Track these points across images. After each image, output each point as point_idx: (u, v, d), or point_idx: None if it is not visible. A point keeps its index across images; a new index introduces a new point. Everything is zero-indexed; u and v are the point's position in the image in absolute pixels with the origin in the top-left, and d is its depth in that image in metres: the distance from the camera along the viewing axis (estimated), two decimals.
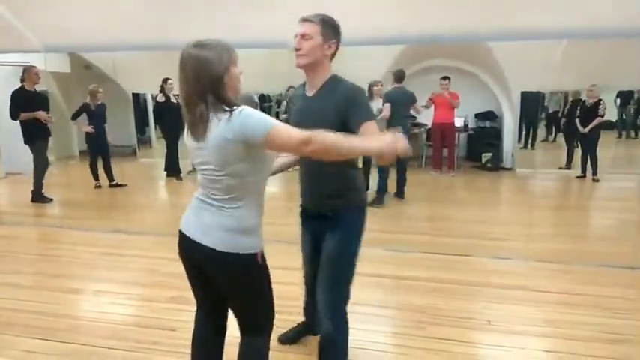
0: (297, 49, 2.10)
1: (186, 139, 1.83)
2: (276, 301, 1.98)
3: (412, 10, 6.04)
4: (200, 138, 1.73)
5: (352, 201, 2.26)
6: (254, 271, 1.86)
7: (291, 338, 2.83)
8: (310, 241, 2.46)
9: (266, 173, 1.87)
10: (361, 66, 8.79)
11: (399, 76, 6.91)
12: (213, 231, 1.80)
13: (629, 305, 3.33)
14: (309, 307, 2.70)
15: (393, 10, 6.83)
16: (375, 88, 7.05)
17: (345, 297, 2.30)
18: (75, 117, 7.50)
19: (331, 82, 2.15)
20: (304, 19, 2.10)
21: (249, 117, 1.66)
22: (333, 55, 2.16)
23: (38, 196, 6.75)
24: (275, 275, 1.95)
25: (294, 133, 1.66)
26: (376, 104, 6.87)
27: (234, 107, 1.69)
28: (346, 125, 2.01)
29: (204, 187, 1.84)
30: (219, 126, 1.68)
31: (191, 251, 1.88)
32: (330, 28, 2.11)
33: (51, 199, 6.81)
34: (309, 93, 2.21)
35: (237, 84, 1.77)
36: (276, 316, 2.01)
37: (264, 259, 1.90)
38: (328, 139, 1.66)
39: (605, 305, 3.33)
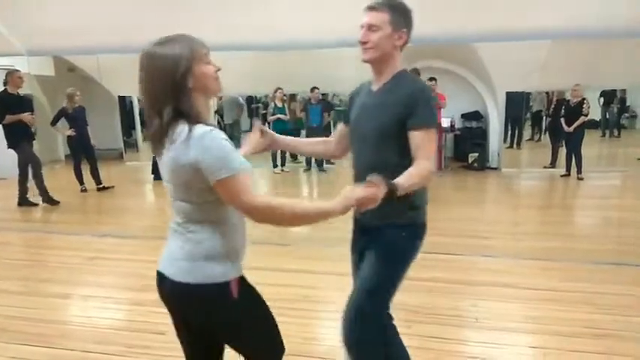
0: (363, 42, 1.84)
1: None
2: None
3: None
4: (158, 154, 1.46)
5: (410, 217, 1.94)
6: (227, 304, 1.50)
7: None
8: (357, 262, 2.11)
9: None
10: (348, 70, 8.87)
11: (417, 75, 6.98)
12: (176, 260, 1.51)
13: (613, 301, 3.39)
14: None
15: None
16: None
17: (378, 317, 1.99)
18: (54, 122, 7.45)
19: (397, 78, 1.89)
20: (370, 7, 1.83)
21: (209, 150, 1.35)
22: (403, 46, 1.89)
23: (24, 200, 6.68)
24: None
25: (252, 195, 1.40)
26: None
27: (198, 124, 1.37)
28: (403, 129, 1.81)
29: (173, 210, 1.57)
30: (174, 146, 1.38)
31: (161, 288, 1.57)
32: (400, 14, 1.83)
33: (37, 204, 6.74)
34: (374, 88, 1.94)
35: (212, 84, 1.46)
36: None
37: (246, 291, 1.56)
38: (287, 211, 1.45)
39: (590, 301, 3.38)
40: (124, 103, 11.94)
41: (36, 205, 6.71)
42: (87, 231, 5.49)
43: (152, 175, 8.65)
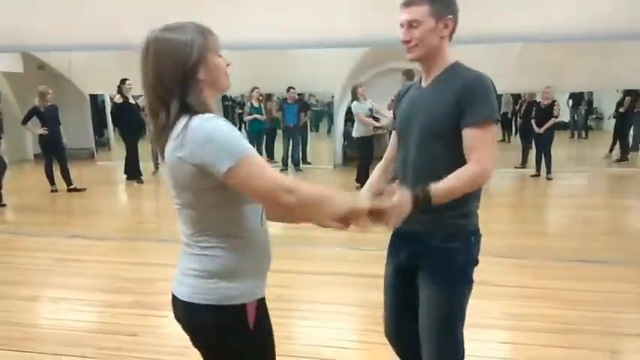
0: (406, 42, 1.67)
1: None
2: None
3: (375, 12, 6.15)
4: (162, 153, 1.30)
5: (461, 225, 1.76)
6: (240, 330, 1.31)
7: None
8: (393, 275, 1.92)
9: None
10: (324, 70, 8.91)
11: (410, 76, 7.03)
12: (185, 277, 1.34)
13: (581, 297, 3.49)
14: None
15: (356, 12, 6.93)
16: (360, 89, 7.31)
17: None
18: (25, 121, 7.27)
19: (451, 69, 1.70)
20: (407, 3, 1.65)
21: (211, 138, 1.17)
22: (451, 34, 1.70)
23: None
24: None
25: (271, 173, 1.19)
26: (362, 106, 7.18)
27: (197, 113, 1.21)
28: (457, 126, 1.61)
29: (179, 221, 1.37)
30: (172, 137, 1.23)
31: (174, 311, 1.40)
32: (440, 1, 1.65)
33: (4, 204, 6.55)
34: (424, 84, 1.76)
35: (223, 78, 1.32)
36: None
37: (263, 318, 1.36)
38: (311, 193, 1.24)
39: (558, 297, 3.48)
40: (96, 101, 11.71)
41: (4, 205, 6.52)
42: (56, 232, 5.36)
43: (124, 175, 8.52)
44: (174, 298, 1.38)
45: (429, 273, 1.75)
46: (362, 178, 7.03)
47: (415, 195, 1.48)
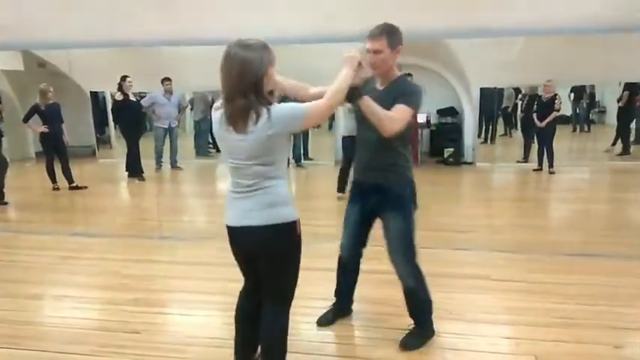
0: (373, 63, 2.46)
1: (219, 130, 2.00)
2: None
3: (375, 8, 6.11)
4: (240, 130, 1.91)
5: (406, 177, 2.68)
6: (294, 238, 2.07)
7: (330, 320, 3.03)
8: (359, 211, 2.77)
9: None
10: (324, 65, 8.86)
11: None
12: (256, 211, 2.01)
13: (582, 291, 3.48)
14: (342, 287, 3.04)
15: (357, 8, 6.89)
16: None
17: (416, 258, 2.72)
18: (26, 119, 7.26)
19: (398, 79, 2.58)
20: (371, 37, 2.46)
21: (283, 111, 1.92)
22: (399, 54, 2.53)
23: None
24: None
25: (320, 104, 1.99)
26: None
27: (270, 104, 1.90)
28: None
29: (236, 175, 2.04)
30: (260, 123, 1.87)
31: (241, 239, 2.10)
32: (393, 36, 2.45)
33: (6, 203, 6.56)
34: (380, 87, 2.60)
35: (273, 83, 2.02)
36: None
37: (300, 229, 2.10)
38: (331, 91, 2.07)
39: (560, 292, 3.47)
40: (97, 98, 11.70)
41: (6, 204, 6.53)
42: (59, 230, 5.37)
43: (126, 173, 8.52)
44: (241, 228, 2.06)
45: (393, 207, 2.67)
46: (343, 185, 6.51)
47: (356, 88, 2.26)
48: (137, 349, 2.79)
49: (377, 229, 2.80)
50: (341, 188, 6.50)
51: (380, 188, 2.64)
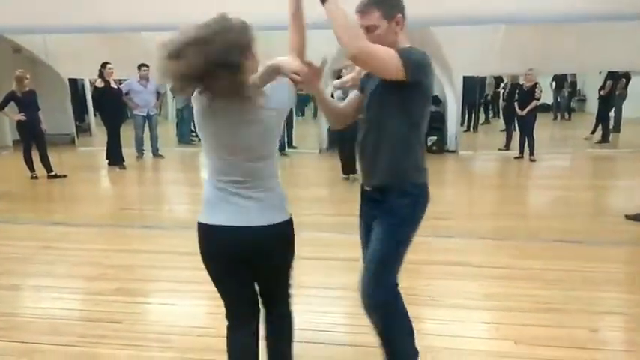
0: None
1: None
2: None
3: None
4: (239, 115, 1.74)
5: (406, 180, 2.10)
6: (293, 237, 1.94)
7: None
8: (364, 227, 2.26)
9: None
10: (310, 53, 8.79)
11: None
12: (254, 210, 1.80)
13: (561, 276, 3.55)
14: None
15: None
16: (345, 71, 7.22)
17: (388, 286, 2.14)
18: (2, 107, 7.09)
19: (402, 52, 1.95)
20: (359, 12, 1.97)
21: (284, 90, 1.78)
22: (403, 26, 2.02)
23: None
24: None
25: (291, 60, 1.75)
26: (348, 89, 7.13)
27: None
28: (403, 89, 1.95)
29: (235, 173, 1.81)
30: (258, 107, 1.69)
31: (241, 240, 1.79)
32: (386, 3, 1.98)
33: None
34: None
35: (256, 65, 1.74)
36: None
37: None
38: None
39: (539, 277, 3.53)
40: (76, 85, 11.47)
41: None
42: (38, 220, 5.28)
43: (106, 161, 8.40)
44: (241, 230, 1.78)
45: (381, 215, 2.13)
46: (350, 167, 6.81)
47: None
48: (119, 339, 2.76)
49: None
50: (345, 171, 6.76)
51: (380, 194, 2.12)
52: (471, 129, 12.51)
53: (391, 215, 2.07)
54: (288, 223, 1.90)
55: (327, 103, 2.18)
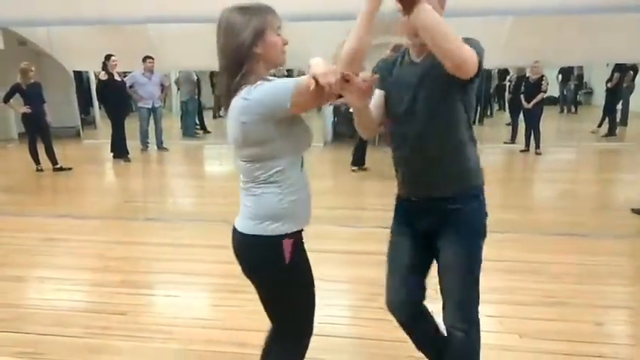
0: (409, 29, 1.77)
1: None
2: None
3: None
4: (225, 113, 1.58)
5: (471, 186, 1.96)
6: (278, 263, 1.60)
7: None
8: (411, 247, 2.00)
9: (298, 151, 1.64)
10: (313, 45, 8.74)
11: (397, 50, 6.97)
12: (243, 216, 1.64)
13: (565, 270, 3.53)
14: (419, 344, 2.19)
15: None
16: None
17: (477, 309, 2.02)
18: (7, 99, 7.10)
19: None
20: None
21: (265, 91, 1.46)
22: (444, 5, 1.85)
23: None
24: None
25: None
26: None
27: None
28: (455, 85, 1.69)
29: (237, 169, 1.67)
30: (235, 106, 1.49)
31: (232, 242, 1.68)
32: None
33: None
34: (417, 58, 1.81)
35: (279, 55, 1.55)
36: None
37: (298, 254, 1.67)
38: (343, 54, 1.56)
39: (546, 271, 3.51)
40: (81, 78, 11.48)
41: None
42: (43, 212, 5.30)
43: (111, 154, 8.41)
44: (234, 230, 1.65)
45: (449, 226, 1.96)
46: (360, 160, 6.99)
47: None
48: (123, 331, 2.77)
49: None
50: (354, 162, 6.94)
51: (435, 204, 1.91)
52: (477, 122, 12.45)
53: (465, 225, 1.96)
54: (263, 242, 1.59)
55: (368, 114, 1.86)
